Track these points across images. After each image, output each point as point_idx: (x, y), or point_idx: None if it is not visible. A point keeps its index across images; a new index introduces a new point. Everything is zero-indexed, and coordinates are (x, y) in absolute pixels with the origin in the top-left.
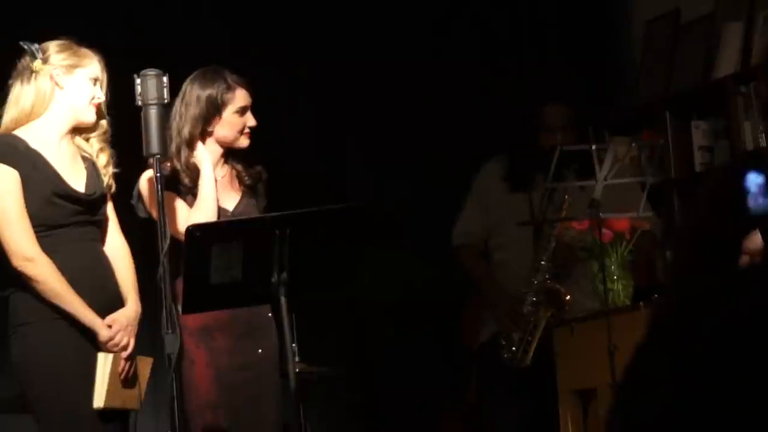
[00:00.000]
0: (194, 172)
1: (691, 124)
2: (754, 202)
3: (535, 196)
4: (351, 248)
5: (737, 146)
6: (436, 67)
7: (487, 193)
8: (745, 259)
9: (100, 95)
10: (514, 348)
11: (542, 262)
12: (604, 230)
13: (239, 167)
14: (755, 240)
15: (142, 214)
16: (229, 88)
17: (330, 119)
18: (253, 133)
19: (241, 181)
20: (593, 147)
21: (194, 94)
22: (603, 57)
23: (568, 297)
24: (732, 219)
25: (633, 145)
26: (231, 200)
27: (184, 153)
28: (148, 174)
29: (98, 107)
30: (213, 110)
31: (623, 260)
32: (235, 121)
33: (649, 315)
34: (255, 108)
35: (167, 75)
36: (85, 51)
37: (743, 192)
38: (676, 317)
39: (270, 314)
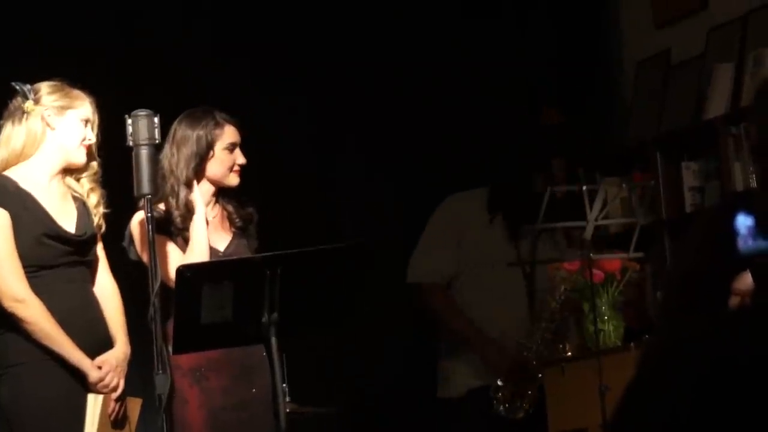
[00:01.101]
0: (189, 213)
1: (682, 164)
2: (744, 243)
3: (523, 241)
4: (344, 287)
5: (727, 187)
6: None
7: (465, 229)
8: (735, 300)
9: (91, 137)
10: (507, 402)
11: (546, 316)
12: (595, 271)
13: (230, 208)
14: (745, 281)
15: (133, 257)
16: (218, 125)
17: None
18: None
19: (232, 222)
20: (584, 188)
21: (184, 133)
22: (594, 97)
23: (569, 353)
24: (722, 260)
25: (624, 185)
26: (222, 241)
27: (182, 193)
28: (140, 216)
29: (89, 148)
30: (205, 148)
31: (614, 301)
32: (224, 158)
33: (639, 356)
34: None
35: (158, 115)
36: (77, 92)
37: (733, 234)
38: (665, 359)
39: (264, 354)
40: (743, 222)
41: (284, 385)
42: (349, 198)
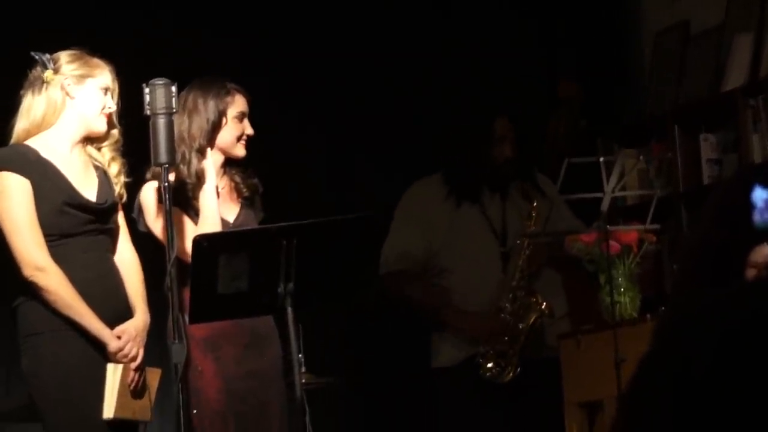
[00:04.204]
0: (200, 182)
1: (700, 136)
2: (760, 217)
3: (489, 209)
4: (358, 259)
5: (745, 159)
6: (448, 79)
7: (430, 213)
8: (751, 272)
9: (111, 105)
10: (491, 364)
11: (516, 273)
12: (612, 243)
13: (237, 179)
14: (762, 253)
15: (142, 228)
16: (228, 93)
17: (339, 122)
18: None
19: (239, 193)
20: (601, 159)
21: (196, 101)
22: (612, 69)
23: (545, 304)
24: (738, 233)
25: (641, 157)
26: (231, 211)
27: (194, 161)
28: (149, 187)
29: (109, 117)
30: (218, 116)
31: (630, 272)
32: (233, 127)
33: (654, 327)
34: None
35: (176, 84)
36: (96, 61)
37: (749, 206)
38: (680, 331)
39: (273, 323)
40: (760, 195)
41: (300, 355)
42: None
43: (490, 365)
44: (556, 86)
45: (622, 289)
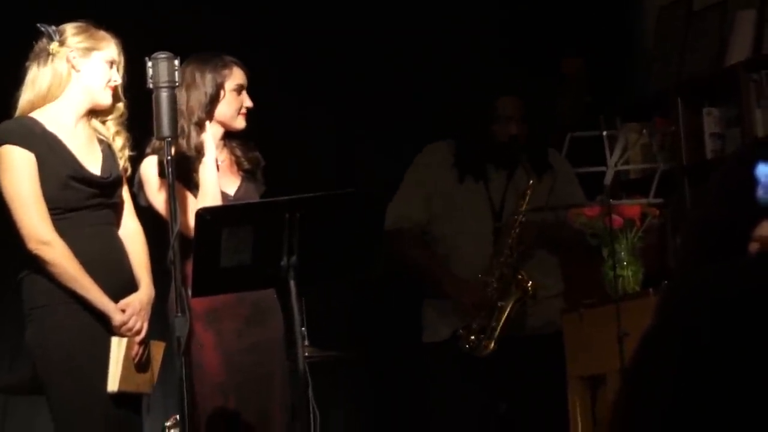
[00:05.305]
0: (199, 155)
1: (703, 111)
2: (764, 192)
3: (493, 185)
4: (362, 233)
5: (748, 134)
6: (450, 56)
7: (435, 179)
8: (754, 247)
9: (116, 78)
10: (473, 337)
11: (505, 251)
12: (615, 217)
13: (238, 152)
14: (766, 228)
15: (143, 202)
16: (226, 66)
17: (340, 98)
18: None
19: (240, 166)
20: (604, 133)
21: (193, 75)
22: (615, 44)
23: (530, 283)
24: (741, 208)
25: (644, 131)
26: (231, 185)
27: (194, 134)
28: (149, 161)
29: (115, 90)
30: (215, 89)
31: (633, 246)
32: (232, 100)
33: (657, 302)
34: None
35: (179, 58)
36: (102, 34)
37: (753, 182)
38: (680, 307)
39: (275, 296)
40: (763, 170)
41: (303, 328)
42: (359, 161)
43: (472, 338)
44: (560, 62)
45: (624, 263)
